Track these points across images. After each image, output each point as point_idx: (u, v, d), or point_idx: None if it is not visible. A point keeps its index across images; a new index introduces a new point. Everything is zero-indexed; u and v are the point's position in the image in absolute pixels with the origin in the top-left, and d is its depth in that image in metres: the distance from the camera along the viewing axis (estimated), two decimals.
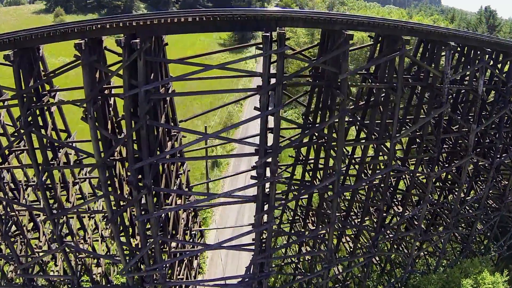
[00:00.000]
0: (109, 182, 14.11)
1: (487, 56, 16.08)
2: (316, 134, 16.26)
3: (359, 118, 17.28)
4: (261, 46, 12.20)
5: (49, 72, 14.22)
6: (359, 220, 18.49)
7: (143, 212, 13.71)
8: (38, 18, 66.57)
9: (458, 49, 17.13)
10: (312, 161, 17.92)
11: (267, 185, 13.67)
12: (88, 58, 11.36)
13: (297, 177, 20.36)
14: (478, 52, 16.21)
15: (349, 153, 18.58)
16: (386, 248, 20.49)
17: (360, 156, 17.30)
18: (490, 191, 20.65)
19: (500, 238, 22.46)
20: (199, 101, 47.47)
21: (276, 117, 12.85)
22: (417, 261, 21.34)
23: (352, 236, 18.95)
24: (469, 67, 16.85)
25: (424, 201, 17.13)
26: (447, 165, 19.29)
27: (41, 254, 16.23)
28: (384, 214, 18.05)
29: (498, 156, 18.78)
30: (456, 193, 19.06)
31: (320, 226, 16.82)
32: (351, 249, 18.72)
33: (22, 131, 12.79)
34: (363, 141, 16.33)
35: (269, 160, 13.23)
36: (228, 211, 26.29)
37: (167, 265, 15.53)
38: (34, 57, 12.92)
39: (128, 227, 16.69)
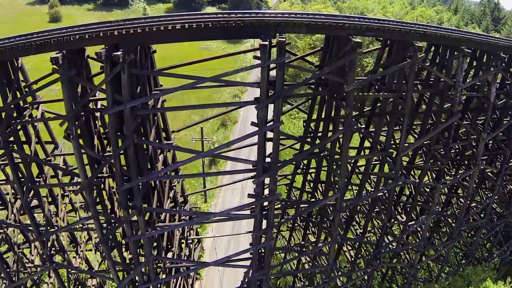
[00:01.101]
0: (98, 200, 13.01)
1: (500, 61, 14.69)
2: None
3: (363, 126, 16.05)
4: (258, 55, 10.79)
5: (31, 83, 12.85)
6: (361, 231, 17.49)
7: (139, 231, 12.66)
8: (32, 10, 64.02)
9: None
10: (313, 170, 16.78)
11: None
12: (66, 72, 10.00)
13: (297, 184, 19.29)
14: (491, 57, 14.81)
15: (352, 161, 17.41)
16: (388, 257, 19.61)
17: (364, 166, 16.18)
18: (496, 197, 19.63)
19: (503, 243, 21.60)
20: (196, 95, 45.95)
21: (276, 133, 11.62)
22: (418, 266, 20.54)
23: (354, 244, 18.06)
24: (481, 73, 15.44)
25: (429, 213, 16.11)
26: (453, 173, 18.14)
27: (32, 270, 15.26)
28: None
29: (507, 163, 17.65)
30: (460, 201, 18.07)
31: (321, 243, 15.81)
32: (352, 259, 17.85)
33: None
34: (368, 152, 15.08)
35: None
36: (222, 226, 24.90)
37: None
38: (12, 68, 11.55)
39: (121, 243, 15.67)
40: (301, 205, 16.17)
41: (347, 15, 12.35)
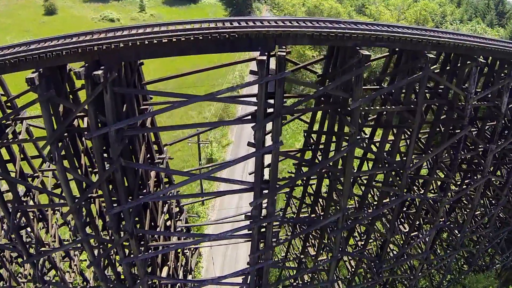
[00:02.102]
0: (88, 219, 12.12)
1: None
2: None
3: (367, 136, 14.98)
4: (255, 69, 9.62)
5: (12, 98, 11.73)
6: (361, 242, 16.70)
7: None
8: (27, 2, 61.31)
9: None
10: (314, 180, 15.84)
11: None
12: (44, 93, 8.88)
13: (296, 192, 18.39)
14: (505, 65, 13.62)
15: (354, 170, 16.43)
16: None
17: (366, 178, 15.23)
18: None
19: (506, 250, 20.90)
20: (193, 89, 44.49)
21: (275, 154, 10.59)
22: (419, 273, 19.91)
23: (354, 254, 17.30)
24: (492, 81, 14.27)
25: (434, 226, 15.27)
26: (458, 182, 17.21)
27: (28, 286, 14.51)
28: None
29: None
30: (464, 210, 17.22)
31: (321, 260, 15.00)
32: (353, 269, 17.16)
33: None
34: (372, 165, 14.08)
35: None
36: (221, 229, 23.89)
37: None
38: None
39: (114, 260, 14.84)
40: (301, 223, 15.24)
41: (354, 21, 11.04)
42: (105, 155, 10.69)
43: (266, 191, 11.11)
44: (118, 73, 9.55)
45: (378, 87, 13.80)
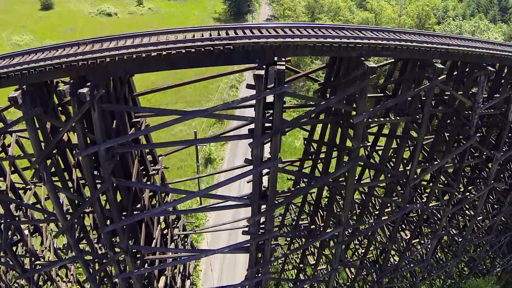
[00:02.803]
0: (82, 234, 11.61)
1: None
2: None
3: (369, 144, 14.35)
4: (252, 83, 8.95)
5: (0, 110, 11.05)
6: (362, 250, 16.28)
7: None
8: None
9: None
10: (314, 189, 15.28)
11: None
12: (28, 112, 8.24)
13: (296, 199, 17.85)
14: None
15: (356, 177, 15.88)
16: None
17: (368, 187, 14.66)
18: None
19: (507, 254, 20.53)
20: (192, 85, 43.63)
21: (273, 171, 10.00)
22: (420, 280, 19.60)
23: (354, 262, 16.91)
24: (500, 88, 13.56)
25: (435, 236, 14.81)
26: (461, 190, 16.67)
27: None
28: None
29: None
30: (466, 216, 16.73)
31: (320, 269, 14.58)
32: (353, 275, 16.80)
33: None
34: (373, 178, 13.47)
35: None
36: (218, 238, 23.42)
37: None
38: None
39: (111, 272, 14.39)
40: (300, 232, 14.76)
41: (358, 27, 10.22)
42: (96, 171, 10.12)
43: (264, 208, 10.59)
44: (106, 88, 8.90)
45: (382, 94, 13.15)
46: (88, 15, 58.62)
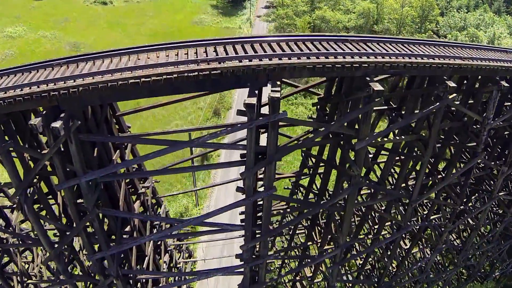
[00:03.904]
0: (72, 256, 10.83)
1: None
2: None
3: (371, 155, 13.36)
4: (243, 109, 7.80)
5: None
6: (359, 264, 15.61)
7: None
8: None
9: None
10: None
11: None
12: (2, 145, 7.25)
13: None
14: None
15: None
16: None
17: (367, 203, 13.79)
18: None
19: (507, 259, 19.94)
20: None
21: (267, 200, 9.08)
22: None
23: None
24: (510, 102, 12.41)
25: (436, 250, 14.09)
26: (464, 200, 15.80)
27: None
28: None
29: None
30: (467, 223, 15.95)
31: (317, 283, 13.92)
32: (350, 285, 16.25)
33: None
34: (373, 197, 12.56)
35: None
36: (213, 249, 22.53)
37: None
38: None
39: None
40: (296, 252, 14.01)
41: (363, 38, 8.98)
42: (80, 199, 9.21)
43: (258, 235, 9.76)
44: (84, 115, 7.84)
45: (386, 107, 12.02)
46: (83, 3, 56.04)
